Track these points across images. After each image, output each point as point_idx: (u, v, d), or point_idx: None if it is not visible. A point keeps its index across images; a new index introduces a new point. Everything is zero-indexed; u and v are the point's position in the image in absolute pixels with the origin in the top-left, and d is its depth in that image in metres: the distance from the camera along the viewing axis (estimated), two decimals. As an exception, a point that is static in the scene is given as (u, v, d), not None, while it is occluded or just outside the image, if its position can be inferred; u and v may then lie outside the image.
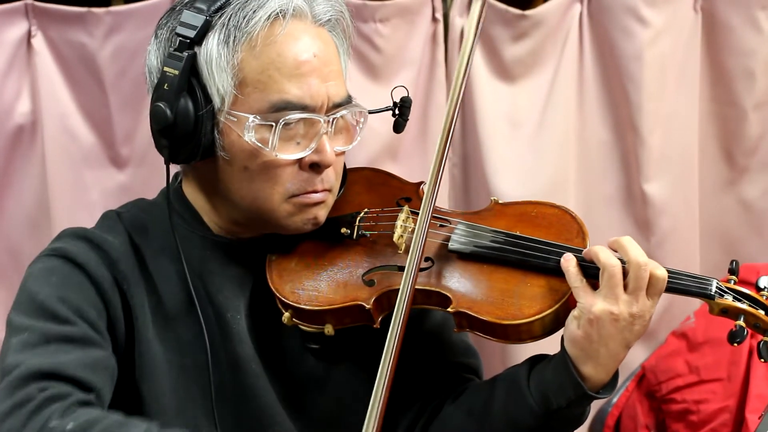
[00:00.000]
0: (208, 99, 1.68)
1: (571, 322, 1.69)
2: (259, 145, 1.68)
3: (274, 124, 1.68)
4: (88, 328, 1.66)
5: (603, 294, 1.66)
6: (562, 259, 1.70)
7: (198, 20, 1.68)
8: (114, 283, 1.73)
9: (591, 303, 1.66)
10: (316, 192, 1.73)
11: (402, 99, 1.84)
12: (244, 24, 1.67)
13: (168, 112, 1.67)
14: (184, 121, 1.67)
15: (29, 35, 2.61)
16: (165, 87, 1.67)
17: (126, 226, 1.80)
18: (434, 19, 2.80)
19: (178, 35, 1.68)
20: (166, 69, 1.68)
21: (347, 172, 1.88)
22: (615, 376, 1.73)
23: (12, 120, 2.64)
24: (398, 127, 1.86)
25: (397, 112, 1.85)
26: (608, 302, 1.66)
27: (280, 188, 1.71)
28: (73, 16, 2.61)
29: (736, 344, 1.70)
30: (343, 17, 1.78)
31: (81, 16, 2.61)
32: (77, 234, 1.77)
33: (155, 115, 1.68)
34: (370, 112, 1.80)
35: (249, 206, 1.74)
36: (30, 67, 2.63)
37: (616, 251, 1.69)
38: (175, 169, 1.79)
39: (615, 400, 2.98)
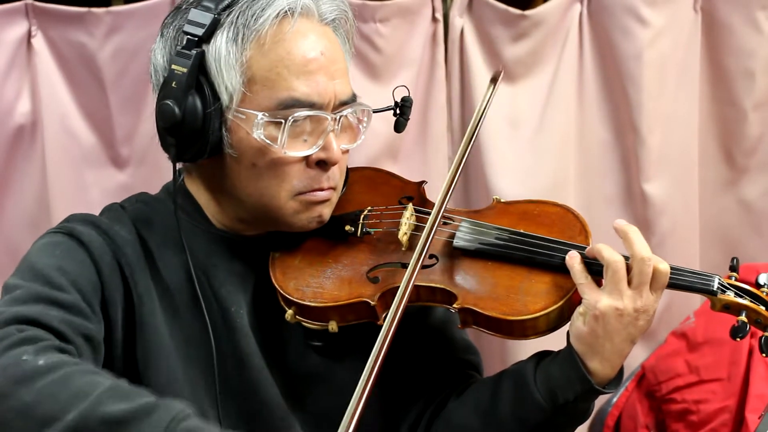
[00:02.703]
0: (216, 97, 1.69)
1: (577, 319, 1.70)
2: (268, 142, 1.69)
3: (282, 121, 1.68)
4: (80, 300, 1.66)
5: (608, 290, 1.68)
6: (567, 257, 1.71)
7: (206, 18, 1.68)
8: (117, 267, 1.73)
9: (596, 299, 1.68)
10: (322, 190, 1.74)
11: (403, 98, 1.86)
12: (252, 22, 1.68)
13: (176, 109, 1.67)
14: (192, 119, 1.68)
15: (29, 35, 2.61)
16: (173, 85, 1.67)
17: (131, 218, 1.80)
18: (434, 19, 2.80)
19: (186, 33, 1.69)
20: (174, 67, 1.68)
21: (349, 172, 1.88)
22: (620, 371, 1.74)
23: (12, 120, 2.64)
24: (399, 126, 1.88)
25: (398, 111, 1.86)
26: (613, 298, 1.67)
27: (287, 185, 1.72)
28: (73, 16, 2.60)
29: (738, 339, 1.72)
30: (347, 17, 1.80)
31: (81, 16, 2.60)
32: (85, 219, 1.78)
33: (163, 113, 1.68)
34: (373, 111, 1.81)
35: (255, 203, 1.75)
36: (30, 67, 2.63)
37: (620, 237, 1.70)
38: (178, 166, 1.79)
39: (615, 400, 2.99)
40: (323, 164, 1.73)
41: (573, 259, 1.71)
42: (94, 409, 1.46)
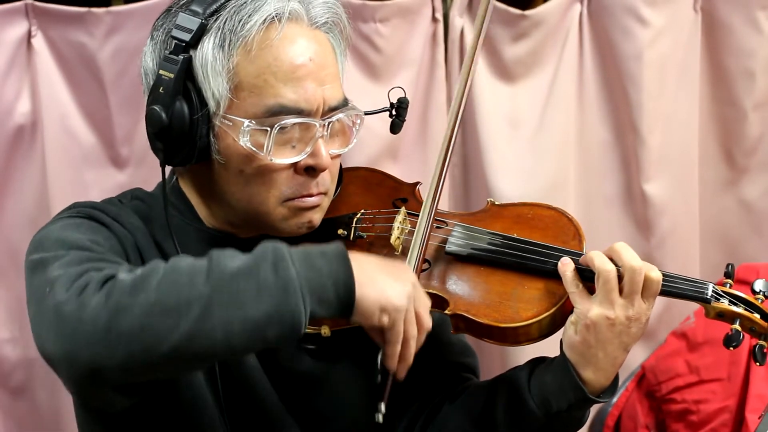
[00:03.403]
0: (203, 103, 1.68)
1: (569, 328, 1.70)
2: (254, 149, 1.68)
3: (269, 129, 1.67)
4: (125, 263, 1.64)
5: (599, 299, 1.67)
6: (559, 264, 1.71)
7: (193, 23, 1.67)
8: (136, 249, 1.73)
9: (587, 308, 1.67)
10: (311, 196, 1.73)
11: (399, 100, 1.85)
12: (239, 28, 1.67)
13: (163, 115, 1.66)
14: (180, 125, 1.67)
15: (29, 35, 2.61)
16: (160, 90, 1.67)
17: (133, 211, 1.79)
18: (434, 19, 2.80)
19: (174, 38, 1.68)
20: (161, 72, 1.67)
21: (343, 172, 1.88)
22: (615, 379, 1.74)
23: (12, 120, 2.64)
24: (395, 128, 1.87)
25: (393, 113, 1.85)
26: (604, 307, 1.67)
27: (275, 192, 1.71)
28: (73, 16, 2.60)
29: (732, 348, 1.71)
30: (340, 19, 1.78)
31: (81, 16, 2.60)
32: (93, 206, 1.76)
33: (151, 119, 1.68)
34: (366, 114, 1.80)
35: (245, 209, 1.74)
36: (30, 67, 2.63)
37: (611, 257, 1.69)
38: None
39: (615, 400, 2.98)
40: (312, 170, 1.72)
41: (565, 266, 1.70)
42: (221, 272, 1.47)
